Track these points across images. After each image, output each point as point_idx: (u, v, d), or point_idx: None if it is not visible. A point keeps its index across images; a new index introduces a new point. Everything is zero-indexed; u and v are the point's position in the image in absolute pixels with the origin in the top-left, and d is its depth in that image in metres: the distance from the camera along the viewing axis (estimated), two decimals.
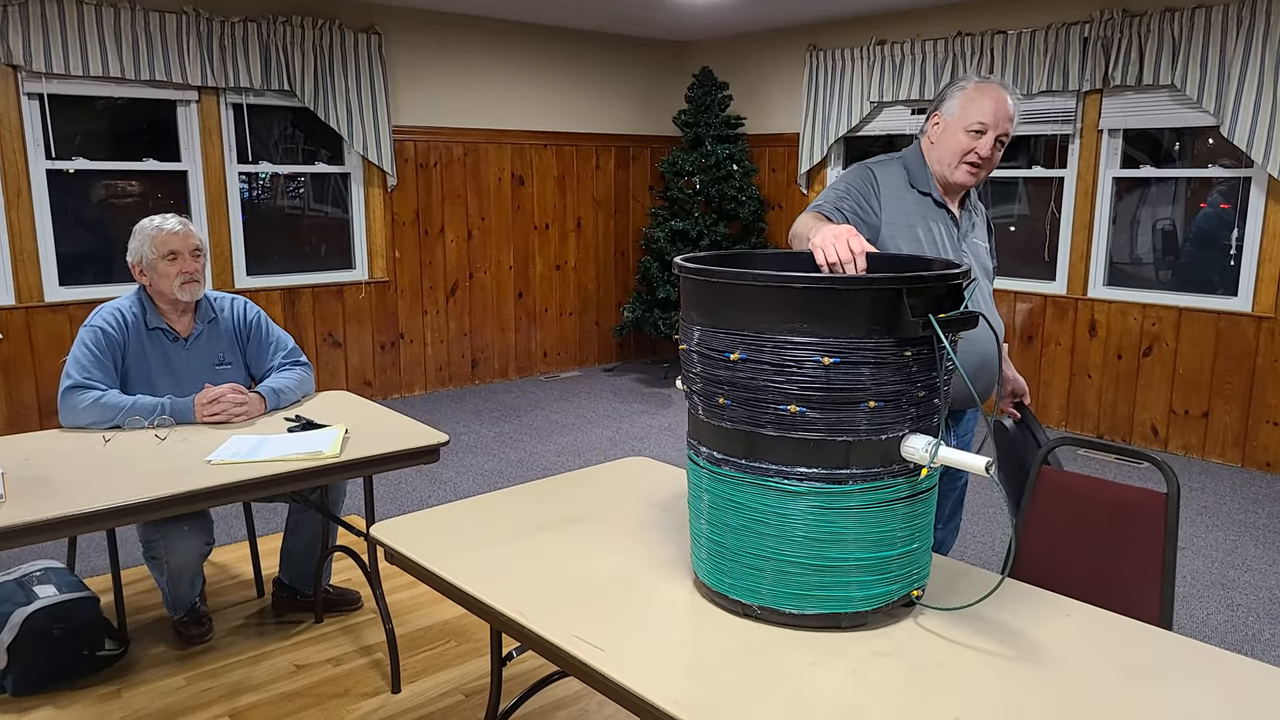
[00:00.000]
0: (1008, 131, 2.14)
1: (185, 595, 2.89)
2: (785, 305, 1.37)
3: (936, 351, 1.41)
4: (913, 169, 2.23)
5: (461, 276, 6.16)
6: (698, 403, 1.53)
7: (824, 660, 1.38)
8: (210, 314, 2.90)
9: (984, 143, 2.12)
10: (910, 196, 2.20)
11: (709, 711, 1.25)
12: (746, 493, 1.46)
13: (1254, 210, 4.60)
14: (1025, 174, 5.47)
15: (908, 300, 1.34)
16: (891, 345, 1.37)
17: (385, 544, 1.85)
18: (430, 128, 5.86)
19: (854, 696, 1.28)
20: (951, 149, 2.15)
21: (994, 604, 1.56)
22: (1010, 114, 2.13)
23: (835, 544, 1.43)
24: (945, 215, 2.21)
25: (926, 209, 2.19)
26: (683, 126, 6.42)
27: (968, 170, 2.14)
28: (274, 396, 2.82)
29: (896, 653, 1.40)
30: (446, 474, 4.53)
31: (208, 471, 2.29)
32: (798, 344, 1.37)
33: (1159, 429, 5.00)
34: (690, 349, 1.52)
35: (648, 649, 1.41)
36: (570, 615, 1.52)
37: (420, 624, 3.02)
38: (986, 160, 2.14)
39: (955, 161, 2.14)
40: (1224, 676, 1.34)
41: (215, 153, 5.10)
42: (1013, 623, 1.49)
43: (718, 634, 1.46)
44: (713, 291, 1.45)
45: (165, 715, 2.54)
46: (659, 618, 1.51)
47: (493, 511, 1.97)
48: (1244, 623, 3.10)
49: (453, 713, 2.55)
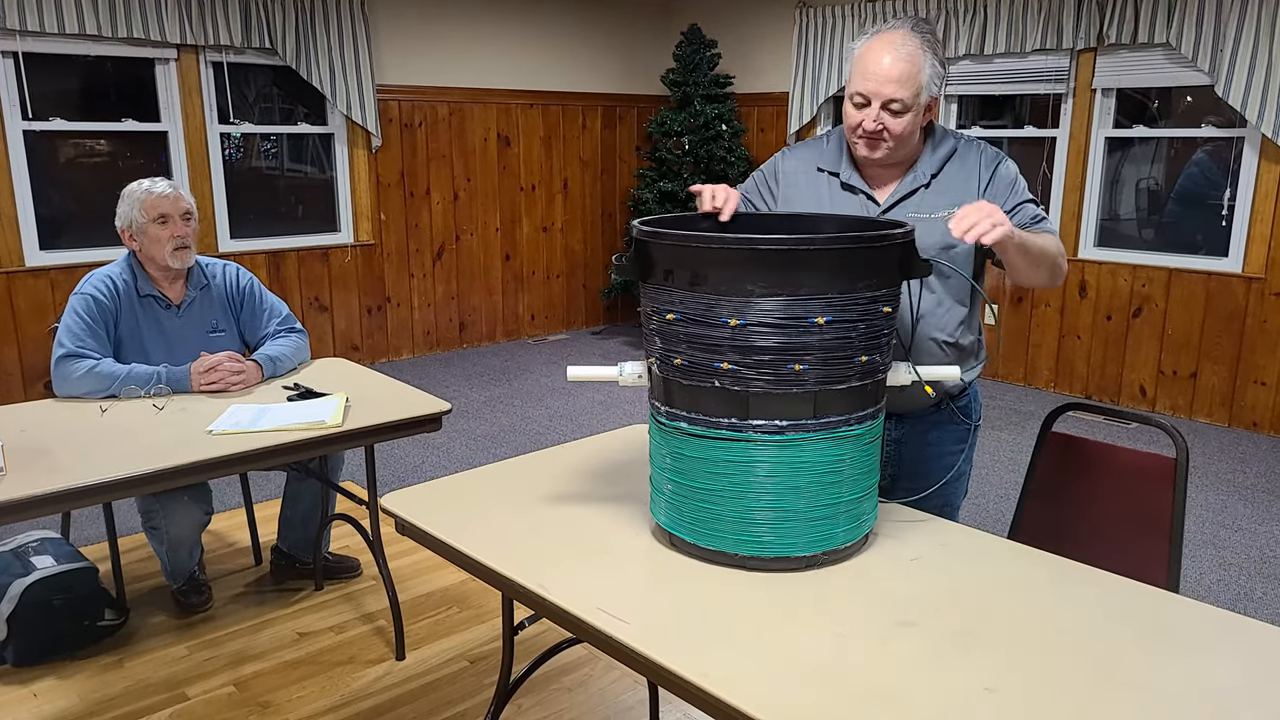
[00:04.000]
0: (897, 97, 1.78)
1: (185, 564, 2.87)
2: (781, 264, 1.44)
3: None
4: (830, 148, 1.99)
5: (448, 239, 6.08)
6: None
7: (849, 632, 1.38)
8: (202, 280, 2.84)
9: (868, 115, 1.80)
10: (817, 180, 1.97)
11: (738, 683, 1.25)
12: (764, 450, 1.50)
13: (1246, 170, 4.61)
14: (1016, 134, 5.44)
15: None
16: (878, 298, 1.49)
17: (398, 516, 1.83)
18: (415, 87, 5.74)
19: (884, 668, 1.28)
20: (846, 123, 1.87)
21: (1006, 569, 1.56)
22: (896, 75, 1.76)
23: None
24: (858, 198, 1.94)
25: (834, 193, 1.95)
26: (671, 86, 6.33)
27: (865, 144, 1.84)
28: (270, 364, 2.78)
29: (920, 622, 1.40)
30: (439, 439, 4.51)
31: (210, 442, 2.26)
32: (796, 302, 1.44)
33: (1147, 389, 5.05)
34: (678, 317, 1.50)
35: (671, 620, 1.41)
36: (590, 587, 1.51)
37: (422, 590, 3.02)
38: (880, 131, 1.81)
39: (851, 136, 1.87)
40: (1242, 641, 1.35)
41: (196, 113, 4.98)
42: (1026, 588, 1.50)
43: (744, 601, 1.46)
44: (700, 256, 1.46)
45: (170, 685, 2.54)
46: (681, 588, 1.51)
47: (503, 481, 1.95)
48: (1235, 582, 3.15)
49: (458, 679, 2.56)
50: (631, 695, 2.47)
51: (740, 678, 1.26)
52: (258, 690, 2.51)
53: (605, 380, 1.63)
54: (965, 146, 1.94)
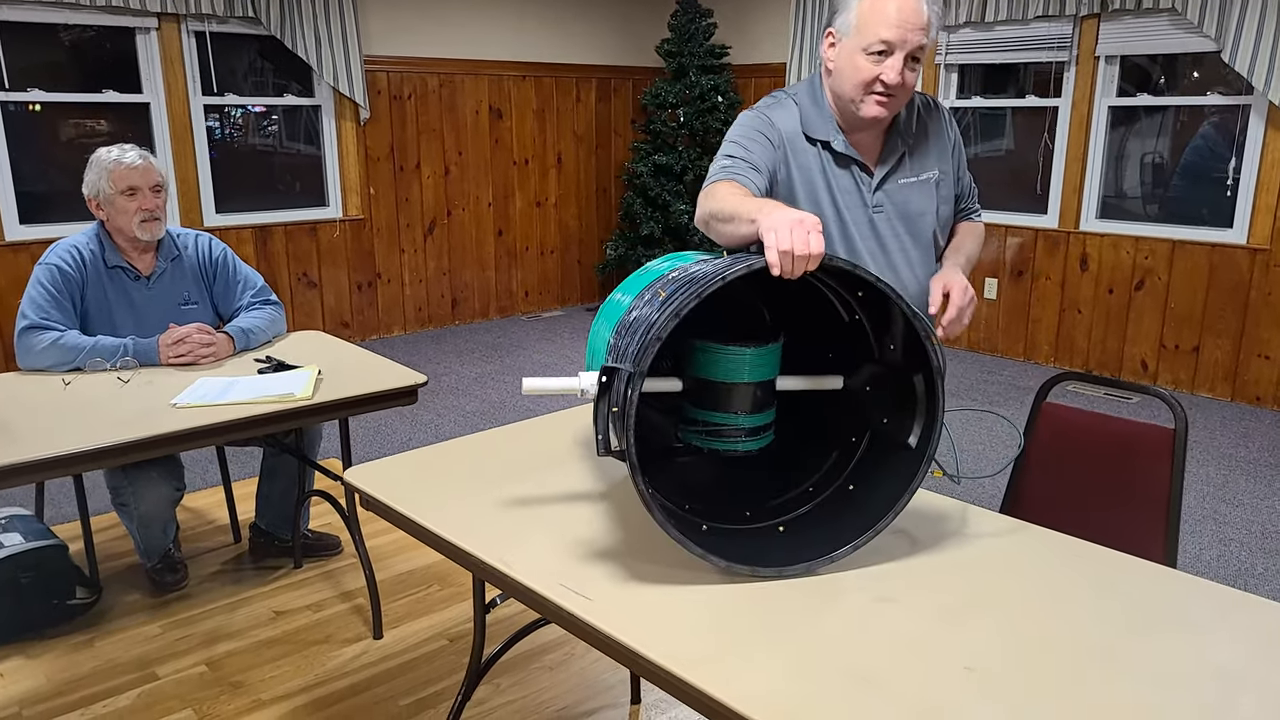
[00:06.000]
0: (921, 44, 1.65)
1: (158, 542, 2.81)
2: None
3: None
4: (807, 112, 1.77)
5: (439, 214, 5.98)
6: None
7: (825, 608, 1.30)
8: (173, 251, 2.76)
9: (890, 66, 1.64)
10: (807, 151, 1.78)
11: (703, 664, 1.18)
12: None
13: (1252, 139, 4.49)
14: (1018, 104, 5.32)
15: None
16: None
17: (361, 489, 1.76)
18: (403, 58, 5.63)
19: (861, 645, 1.21)
20: (853, 79, 1.68)
21: (993, 543, 1.49)
22: (923, 21, 1.63)
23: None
24: (851, 170, 1.79)
25: (825, 166, 1.78)
26: (665, 56, 6.21)
27: (877, 102, 1.68)
28: (243, 337, 2.70)
29: (900, 598, 1.33)
30: (427, 415, 4.44)
31: (173, 415, 2.19)
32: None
33: (1149, 364, 4.95)
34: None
35: (636, 598, 1.34)
36: (555, 563, 1.44)
37: (402, 568, 2.96)
38: (900, 86, 1.67)
39: (860, 94, 1.68)
40: (1243, 618, 1.27)
41: (178, 84, 4.88)
42: (1017, 562, 1.42)
43: (714, 578, 1.38)
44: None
45: (140, 664, 2.48)
46: (649, 565, 1.43)
47: (474, 454, 1.88)
48: (1236, 557, 3.08)
49: (436, 658, 2.49)
50: (613, 675, 2.40)
51: (708, 658, 1.19)
52: (230, 670, 2.45)
53: (566, 392, 1.45)
54: (922, 100, 1.87)
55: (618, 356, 1.34)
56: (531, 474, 1.77)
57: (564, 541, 1.51)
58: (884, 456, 1.51)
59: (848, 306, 1.50)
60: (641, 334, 1.30)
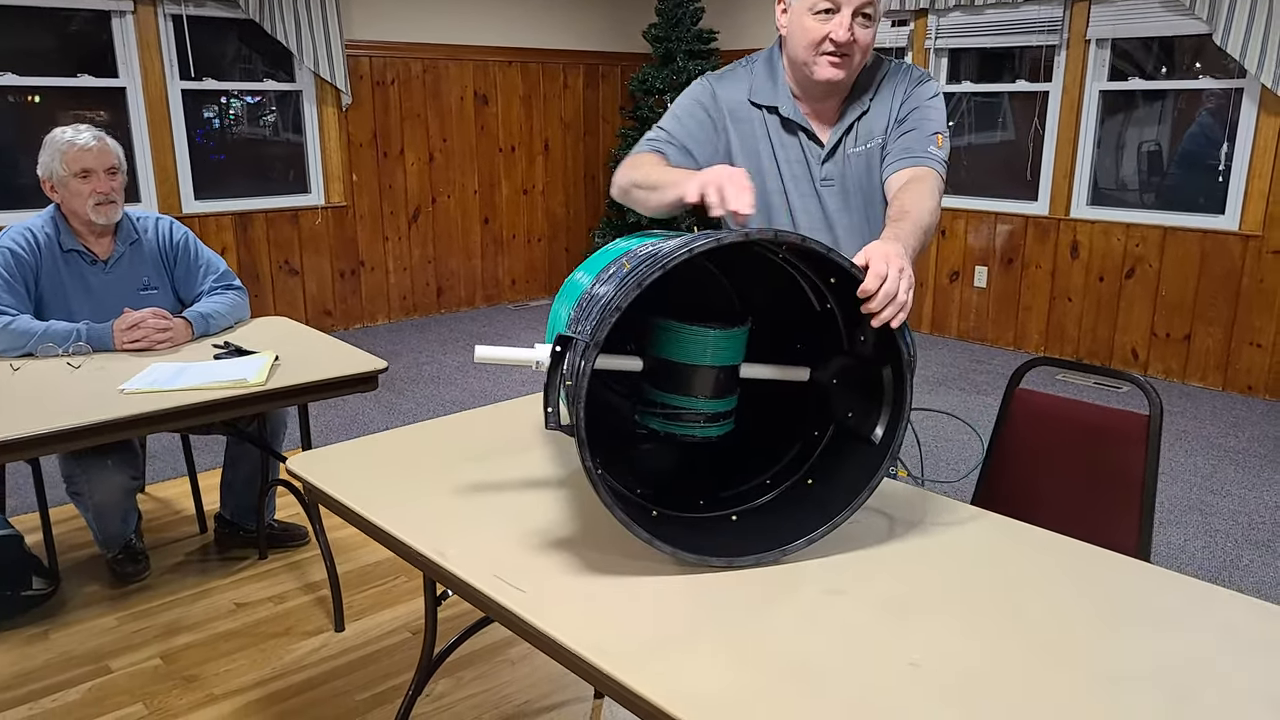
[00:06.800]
0: (871, 0, 1.62)
1: (117, 532, 2.74)
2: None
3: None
4: (759, 78, 1.76)
5: (424, 201, 5.91)
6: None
7: (773, 600, 1.24)
8: (132, 235, 2.70)
9: (838, 23, 1.60)
10: (752, 117, 1.75)
11: (635, 659, 1.11)
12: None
13: (1245, 124, 4.41)
14: (1008, 89, 5.24)
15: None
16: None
17: (302, 477, 1.69)
18: (386, 43, 5.54)
19: (807, 639, 1.14)
20: (803, 41, 1.65)
21: (958, 533, 1.42)
22: None
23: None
24: (799, 138, 1.74)
25: (771, 134, 1.74)
26: (653, 41, 6.12)
27: (830, 63, 1.63)
28: (202, 322, 2.64)
29: (849, 590, 1.26)
30: (406, 405, 4.37)
31: (120, 401, 2.13)
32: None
33: (1139, 353, 4.88)
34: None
35: (576, 590, 1.27)
36: (496, 553, 1.38)
37: (367, 560, 2.89)
38: (851, 44, 1.62)
39: (811, 55, 1.65)
40: (1210, 612, 1.21)
41: (155, 69, 4.80)
42: (977, 553, 1.36)
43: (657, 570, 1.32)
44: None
45: (94, 657, 2.42)
46: (595, 555, 1.37)
47: (432, 440, 1.81)
48: (1221, 549, 3.01)
49: (397, 651, 2.43)
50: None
51: (642, 654, 1.12)
52: (186, 663, 2.39)
53: (519, 363, 1.37)
54: (895, 66, 1.78)
55: (575, 329, 1.28)
56: (490, 460, 1.71)
57: (511, 531, 1.44)
58: (846, 451, 1.45)
59: (820, 294, 1.44)
60: (601, 305, 1.24)
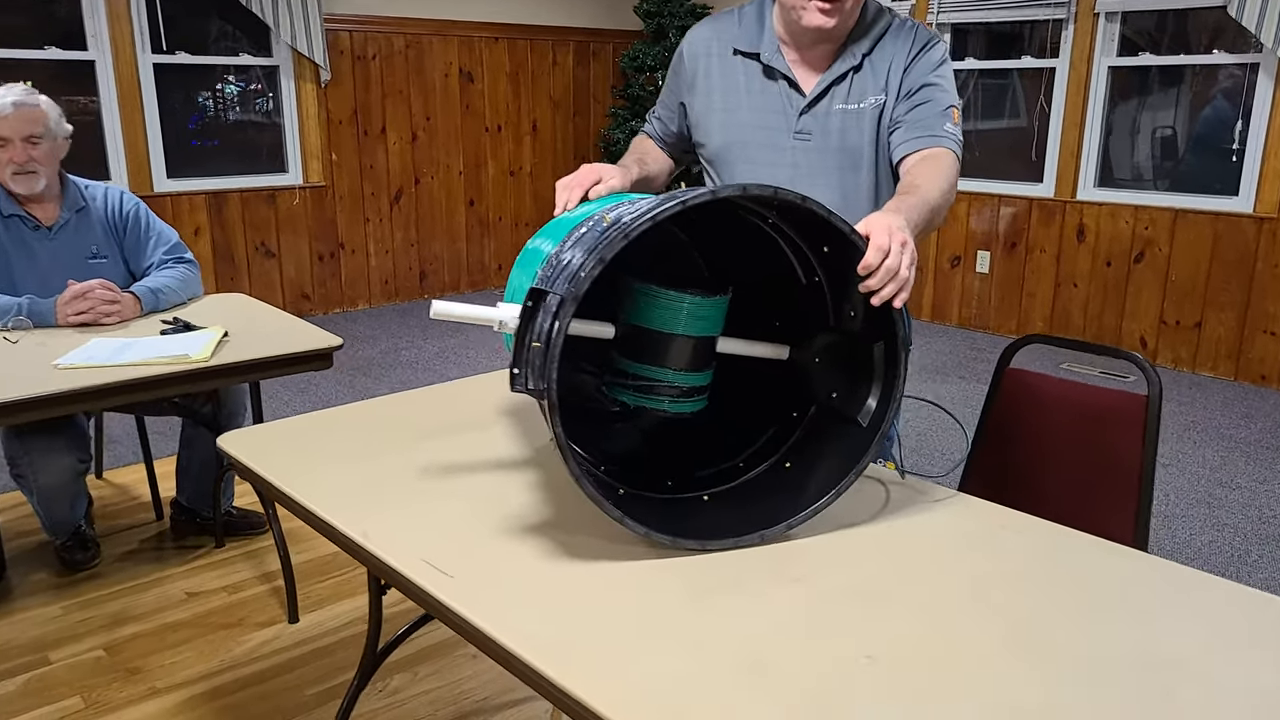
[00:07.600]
0: None
1: (65, 518, 2.59)
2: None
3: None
4: (747, 26, 1.68)
5: (406, 182, 5.74)
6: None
7: (727, 587, 1.08)
8: (79, 202, 2.54)
9: None
10: (731, 66, 1.67)
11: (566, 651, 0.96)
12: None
13: (1260, 100, 4.24)
14: (1013, 65, 5.06)
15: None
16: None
17: (231, 455, 1.55)
18: (367, 16, 5.37)
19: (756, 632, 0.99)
20: None
21: (935, 517, 1.27)
22: None
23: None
24: (779, 87, 1.65)
25: (749, 82, 1.66)
26: (645, 17, 5.95)
27: (819, 9, 1.53)
28: (151, 297, 2.49)
29: (811, 577, 1.11)
30: (382, 390, 4.22)
31: (53, 376, 1.98)
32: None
33: (1148, 340, 4.72)
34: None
35: (514, 576, 1.12)
36: (427, 535, 1.23)
37: (326, 549, 2.74)
38: None
39: (798, 2, 1.55)
40: (1201, 600, 1.06)
41: (125, 41, 4.63)
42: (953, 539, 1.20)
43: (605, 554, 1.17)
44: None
45: (35, 648, 2.27)
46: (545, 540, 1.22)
47: (380, 417, 1.67)
48: (1230, 543, 2.85)
49: (352, 644, 2.28)
50: None
51: (577, 646, 0.98)
52: (130, 654, 2.25)
53: (479, 322, 1.23)
54: (899, 23, 1.63)
55: (548, 285, 1.13)
56: (445, 437, 1.56)
57: (454, 512, 1.30)
58: (828, 433, 1.30)
59: (807, 267, 1.29)
60: (583, 257, 1.09)
